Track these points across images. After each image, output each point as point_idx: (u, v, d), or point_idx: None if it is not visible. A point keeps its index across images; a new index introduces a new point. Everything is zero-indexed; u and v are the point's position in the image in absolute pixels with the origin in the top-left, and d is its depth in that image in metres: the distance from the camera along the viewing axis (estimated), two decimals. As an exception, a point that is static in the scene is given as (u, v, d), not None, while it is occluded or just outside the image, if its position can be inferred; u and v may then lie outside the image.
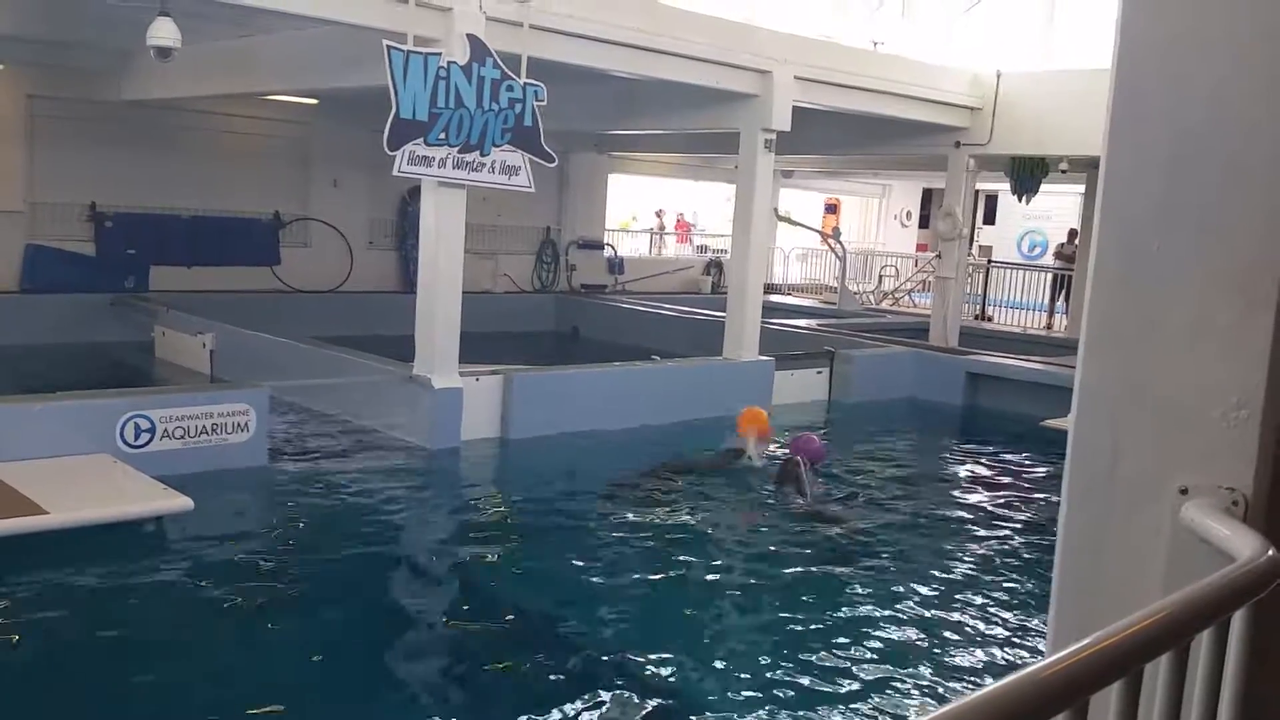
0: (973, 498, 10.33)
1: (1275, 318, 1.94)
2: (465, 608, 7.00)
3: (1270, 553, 1.78)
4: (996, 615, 7.07)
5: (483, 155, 10.05)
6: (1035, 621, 6.75)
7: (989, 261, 25.24)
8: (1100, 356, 2.10)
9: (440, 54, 9.60)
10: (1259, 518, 2.02)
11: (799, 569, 7.73)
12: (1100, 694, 1.42)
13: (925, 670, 6.09)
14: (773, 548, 8.23)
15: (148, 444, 8.57)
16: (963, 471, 11.57)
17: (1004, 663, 6.31)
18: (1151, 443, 2.06)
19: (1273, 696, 2.01)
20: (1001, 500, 10.19)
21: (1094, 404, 2.12)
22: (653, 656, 6.07)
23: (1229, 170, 1.93)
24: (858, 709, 5.54)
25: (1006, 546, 8.64)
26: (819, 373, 14.26)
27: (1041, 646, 4.65)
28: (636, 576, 7.45)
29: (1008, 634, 6.75)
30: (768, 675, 5.88)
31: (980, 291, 23.23)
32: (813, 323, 18.07)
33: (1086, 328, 2.12)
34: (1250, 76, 1.92)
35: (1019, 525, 9.24)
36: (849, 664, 6.06)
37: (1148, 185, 2.01)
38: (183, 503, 7.37)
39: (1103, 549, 2.12)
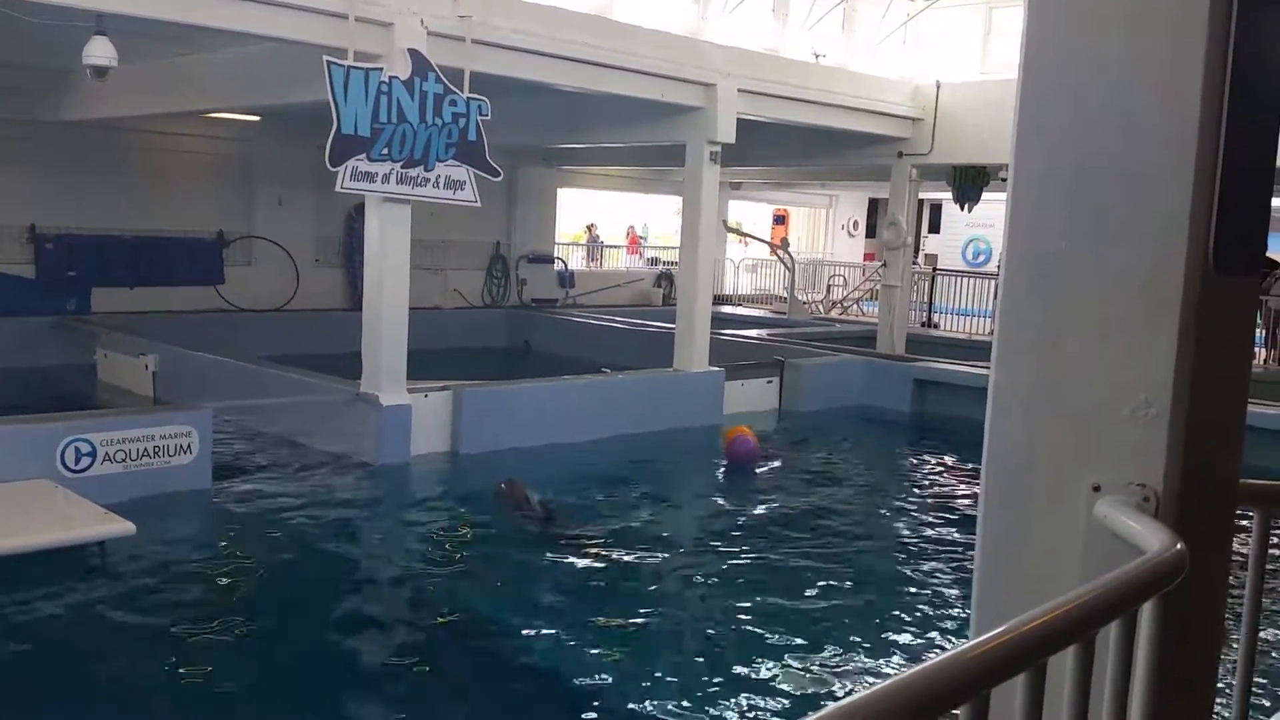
0: (912, 501, 10.43)
1: (1179, 318, 2.00)
2: (410, 626, 6.95)
3: (1178, 546, 1.83)
4: (935, 610, 7.16)
5: (427, 170, 10.03)
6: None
7: (934, 269, 25.54)
8: (1012, 360, 2.15)
9: (382, 69, 9.58)
10: (1170, 513, 2.07)
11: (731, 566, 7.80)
12: (1009, 685, 1.45)
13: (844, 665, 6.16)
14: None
15: (89, 468, 8.44)
16: (903, 477, 11.67)
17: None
18: (1065, 442, 2.11)
19: (1184, 687, 2.07)
20: (941, 501, 10.30)
21: (1008, 406, 2.16)
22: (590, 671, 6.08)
23: (1129, 179, 1.99)
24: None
25: (945, 543, 8.75)
26: (769, 382, 14.35)
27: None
28: (577, 589, 7.46)
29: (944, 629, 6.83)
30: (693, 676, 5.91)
31: (926, 299, 23.49)
32: (763, 333, 18.19)
33: (998, 333, 2.17)
34: (1147, 87, 1.98)
35: (957, 523, 9.36)
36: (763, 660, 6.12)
37: (1052, 195, 2.07)
38: (125, 527, 7.26)
39: (1020, 547, 2.16)
